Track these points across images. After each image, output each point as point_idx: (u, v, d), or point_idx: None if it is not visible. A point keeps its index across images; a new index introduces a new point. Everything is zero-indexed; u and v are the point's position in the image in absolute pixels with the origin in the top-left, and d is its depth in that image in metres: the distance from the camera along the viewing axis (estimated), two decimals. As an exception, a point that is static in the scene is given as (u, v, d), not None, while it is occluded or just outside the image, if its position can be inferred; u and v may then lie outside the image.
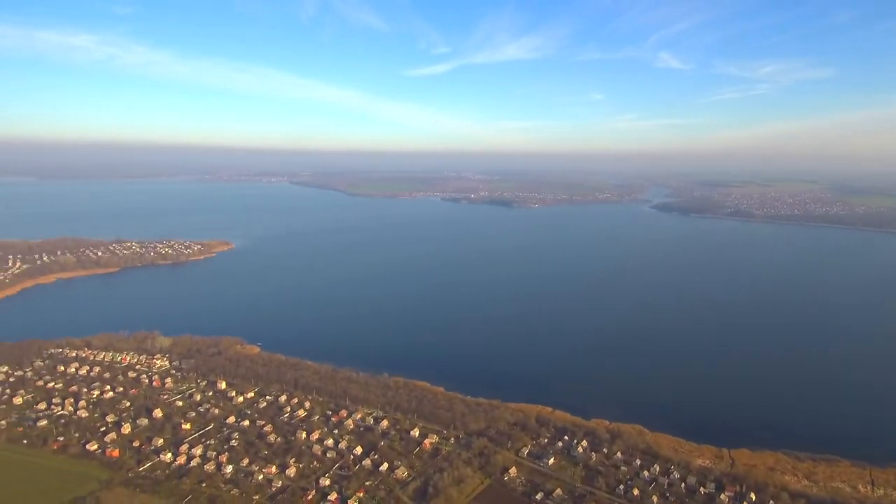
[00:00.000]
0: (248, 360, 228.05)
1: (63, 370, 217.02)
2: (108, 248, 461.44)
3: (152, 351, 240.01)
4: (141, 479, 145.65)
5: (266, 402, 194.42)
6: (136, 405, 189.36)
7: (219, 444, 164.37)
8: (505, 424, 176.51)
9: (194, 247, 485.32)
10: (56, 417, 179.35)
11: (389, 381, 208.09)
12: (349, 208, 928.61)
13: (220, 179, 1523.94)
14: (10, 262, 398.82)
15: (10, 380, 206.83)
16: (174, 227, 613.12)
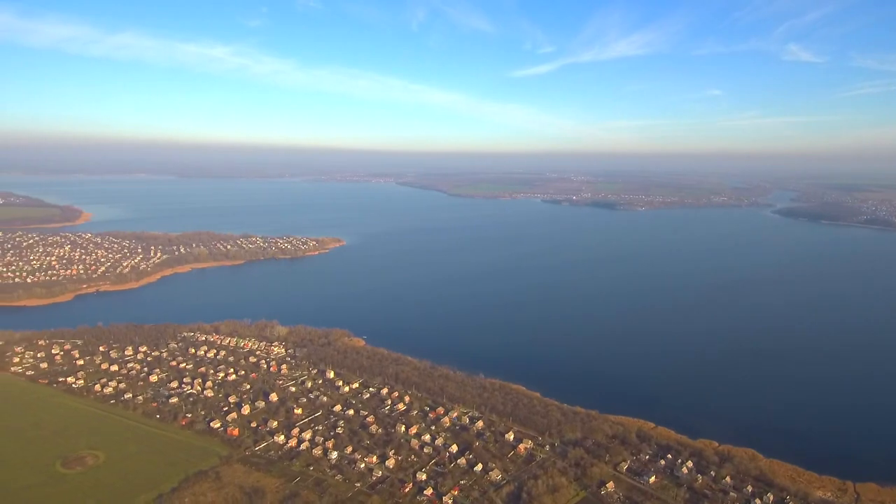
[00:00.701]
0: (355, 352, 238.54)
1: (193, 352, 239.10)
2: (236, 241, 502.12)
3: (271, 338, 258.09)
4: (256, 458, 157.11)
5: (369, 393, 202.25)
6: (254, 388, 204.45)
7: (326, 431, 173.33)
8: (603, 436, 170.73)
9: (310, 243, 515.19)
10: (186, 395, 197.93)
11: (485, 381, 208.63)
12: (450, 209, 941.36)
13: (334, 180, 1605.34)
14: (151, 252, 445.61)
15: (147, 359, 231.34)
16: (293, 223, 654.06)
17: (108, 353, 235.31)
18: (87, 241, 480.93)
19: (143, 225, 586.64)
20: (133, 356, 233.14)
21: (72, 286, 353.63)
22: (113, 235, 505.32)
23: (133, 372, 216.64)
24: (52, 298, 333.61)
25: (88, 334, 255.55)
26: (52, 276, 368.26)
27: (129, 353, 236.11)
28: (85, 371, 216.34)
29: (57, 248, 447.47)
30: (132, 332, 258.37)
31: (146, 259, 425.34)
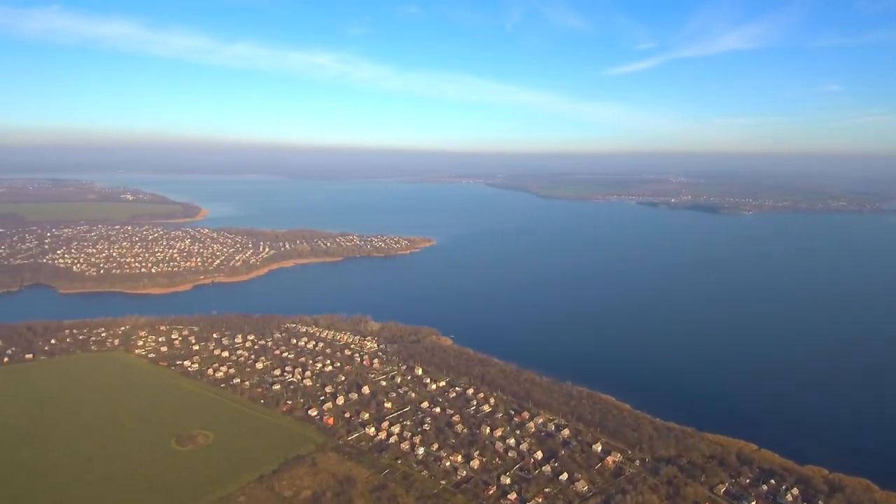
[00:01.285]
0: (442, 351, 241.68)
1: (295, 343, 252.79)
2: (335, 239, 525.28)
3: (364, 333, 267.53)
4: (349, 448, 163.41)
5: (455, 392, 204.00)
6: (349, 380, 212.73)
7: (413, 426, 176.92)
8: (699, 456, 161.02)
9: (402, 242, 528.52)
10: (287, 383, 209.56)
11: (573, 389, 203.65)
12: (540, 210, 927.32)
13: (426, 181, 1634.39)
14: (261, 248, 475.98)
15: (255, 347, 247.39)
16: (387, 223, 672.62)
17: (221, 339, 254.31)
18: (204, 235, 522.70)
19: (254, 222, 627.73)
20: (242, 344, 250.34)
21: (190, 277, 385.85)
22: (227, 231, 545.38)
23: (241, 359, 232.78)
24: (172, 287, 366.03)
25: (204, 322, 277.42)
26: (173, 267, 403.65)
27: (238, 340, 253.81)
28: (199, 356, 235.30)
29: (178, 241, 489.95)
30: (242, 322, 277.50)
31: (256, 254, 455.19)
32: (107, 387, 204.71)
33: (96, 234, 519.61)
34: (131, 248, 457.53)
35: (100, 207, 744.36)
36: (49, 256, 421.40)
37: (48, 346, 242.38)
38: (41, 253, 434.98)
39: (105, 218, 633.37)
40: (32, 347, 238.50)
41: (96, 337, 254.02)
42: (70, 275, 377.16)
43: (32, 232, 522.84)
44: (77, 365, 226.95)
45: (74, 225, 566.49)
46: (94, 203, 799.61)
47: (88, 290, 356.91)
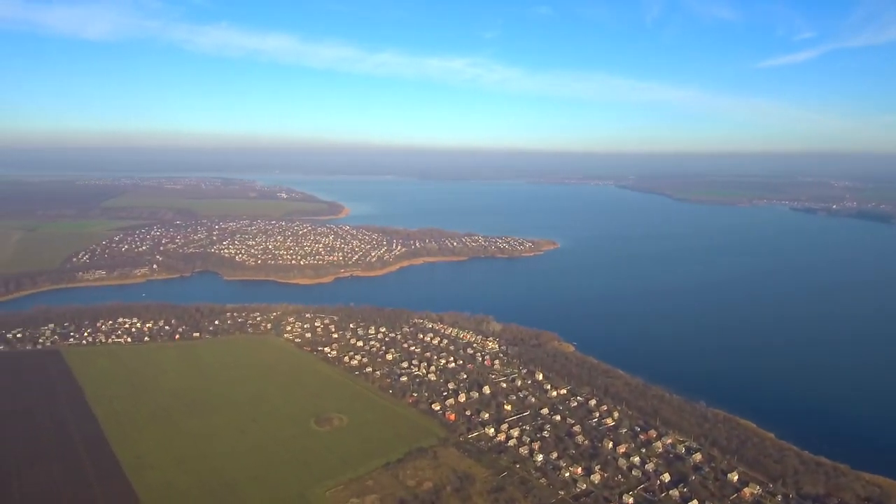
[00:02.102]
0: (564, 358, 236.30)
1: (422, 338, 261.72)
2: (461, 239, 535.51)
3: (486, 333, 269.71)
4: (469, 445, 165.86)
5: (576, 402, 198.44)
6: (470, 378, 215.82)
7: (533, 432, 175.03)
8: (852, 497, 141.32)
9: (526, 244, 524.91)
10: (413, 376, 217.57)
11: (707, 411, 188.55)
12: (675, 215, 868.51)
13: (553, 182, 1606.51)
14: (394, 245, 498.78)
15: (385, 339, 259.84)
16: (511, 224, 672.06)
17: (356, 330, 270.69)
18: (346, 232, 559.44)
19: (389, 220, 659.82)
20: (374, 335, 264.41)
21: (332, 270, 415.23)
22: (365, 229, 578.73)
23: (374, 349, 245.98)
24: (317, 279, 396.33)
25: (342, 312, 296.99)
26: (318, 260, 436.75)
27: (371, 332, 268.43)
28: (338, 344, 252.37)
29: (323, 237, 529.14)
30: (375, 314, 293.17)
31: (389, 251, 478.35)
32: (259, 366, 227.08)
33: (255, 228, 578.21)
34: (284, 241, 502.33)
35: (259, 204, 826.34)
36: (216, 247, 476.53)
37: (212, 326, 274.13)
38: (210, 243, 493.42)
39: (263, 214, 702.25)
40: (199, 327, 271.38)
41: (252, 321, 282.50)
42: (233, 264, 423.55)
43: (203, 225, 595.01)
44: (235, 345, 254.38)
45: (238, 219, 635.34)
46: (254, 200, 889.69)
47: (247, 277, 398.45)
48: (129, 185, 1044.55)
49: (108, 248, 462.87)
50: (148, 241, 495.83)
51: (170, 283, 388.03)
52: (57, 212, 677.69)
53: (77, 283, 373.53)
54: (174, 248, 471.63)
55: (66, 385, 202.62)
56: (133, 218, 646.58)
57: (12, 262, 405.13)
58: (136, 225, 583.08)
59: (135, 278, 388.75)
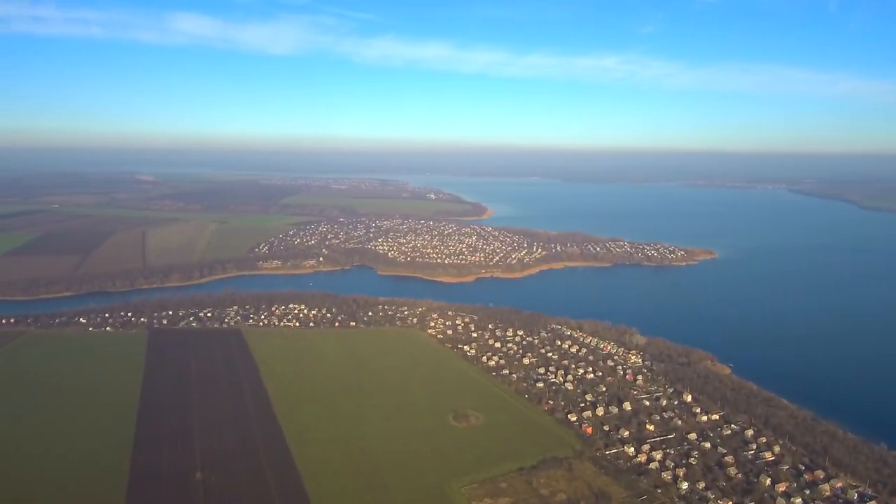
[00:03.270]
0: (717, 380, 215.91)
1: (559, 344, 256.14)
2: (605, 244, 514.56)
3: (629, 346, 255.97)
4: (605, 462, 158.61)
5: (730, 430, 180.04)
6: (609, 392, 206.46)
7: (678, 457, 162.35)
8: None
9: (677, 252, 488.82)
10: (549, 383, 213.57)
11: (888, 454, 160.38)
12: (861, 225, 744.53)
13: (713, 185, 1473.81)
14: (534, 248, 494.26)
15: (523, 343, 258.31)
16: (661, 230, 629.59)
17: (495, 331, 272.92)
18: (488, 233, 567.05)
19: (530, 223, 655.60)
20: (512, 337, 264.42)
21: (474, 270, 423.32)
22: (507, 230, 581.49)
23: (511, 352, 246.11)
24: (459, 278, 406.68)
25: (482, 312, 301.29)
26: (461, 260, 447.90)
27: (509, 333, 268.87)
28: (477, 343, 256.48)
29: (467, 237, 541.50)
30: (513, 316, 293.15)
31: (530, 253, 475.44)
32: (404, 358, 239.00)
33: (406, 227, 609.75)
34: (431, 240, 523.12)
35: (410, 204, 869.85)
36: (372, 243, 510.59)
37: (366, 317, 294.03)
38: (367, 240, 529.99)
39: (413, 213, 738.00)
40: (355, 317, 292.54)
41: (400, 314, 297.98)
42: (386, 260, 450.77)
43: (362, 222, 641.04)
44: (385, 335, 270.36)
45: (391, 218, 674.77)
46: (406, 200, 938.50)
47: (398, 273, 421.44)
48: (302, 185, 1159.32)
49: (283, 241, 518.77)
50: (316, 236, 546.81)
51: (332, 274, 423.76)
52: (244, 207, 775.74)
53: (257, 270, 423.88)
54: (337, 243, 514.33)
55: (244, 360, 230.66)
56: (305, 214, 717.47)
57: (207, 250, 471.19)
58: (307, 221, 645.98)
59: (304, 269, 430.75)
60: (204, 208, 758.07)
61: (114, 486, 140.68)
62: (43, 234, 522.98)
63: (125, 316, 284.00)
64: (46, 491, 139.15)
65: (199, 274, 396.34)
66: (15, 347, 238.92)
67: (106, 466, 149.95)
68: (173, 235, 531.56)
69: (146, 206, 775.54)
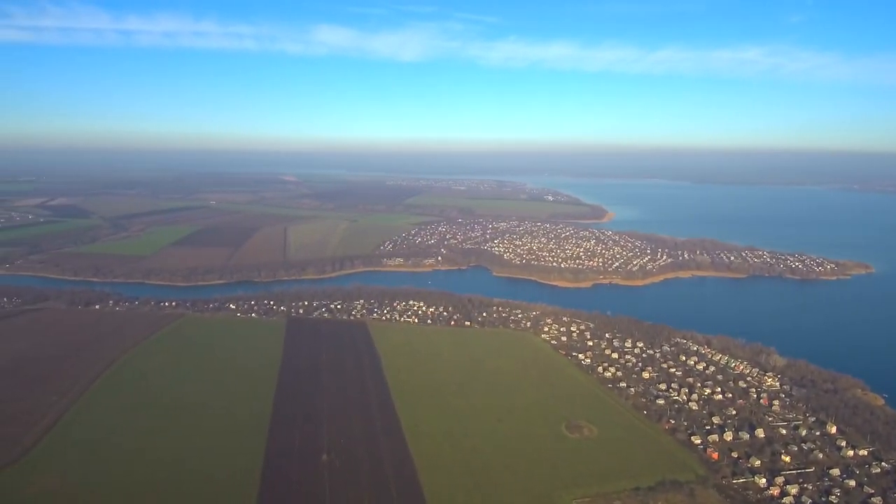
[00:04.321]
0: (868, 411, 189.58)
1: (684, 360, 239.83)
2: (740, 253, 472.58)
3: (765, 367, 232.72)
4: (732, 492, 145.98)
5: (880, 468, 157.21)
6: (740, 416, 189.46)
7: (816, 493, 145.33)
8: None
9: (826, 265, 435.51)
10: (671, 401, 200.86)
11: None
12: None
13: (872, 189, 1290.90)
14: (658, 255, 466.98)
15: (642, 355, 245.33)
16: (807, 239, 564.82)
17: (612, 340, 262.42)
18: (607, 237, 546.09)
19: (654, 227, 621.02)
20: (630, 349, 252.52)
21: (591, 275, 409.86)
22: (628, 235, 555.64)
23: (629, 364, 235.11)
24: (575, 283, 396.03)
25: (598, 320, 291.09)
26: (578, 264, 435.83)
27: (627, 344, 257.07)
28: (592, 352, 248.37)
29: (584, 241, 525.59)
30: (632, 326, 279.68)
31: (653, 260, 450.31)
32: (517, 361, 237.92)
33: (523, 228, 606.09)
34: (547, 243, 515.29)
35: (527, 206, 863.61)
36: (488, 244, 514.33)
37: (480, 317, 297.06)
38: (483, 241, 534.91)
39: (530, 215, 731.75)
40: (470, 316, 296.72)
41: (514, 317, 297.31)
42: (501, 261, 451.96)
43: (480, 223, 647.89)
44: (498, 337, 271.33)
45: (508, 220, 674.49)
46: (523, 202, 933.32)
47: (513, 275, 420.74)
48: (425, 186, 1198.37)
49: (406, 240, 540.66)
50: (436, 236, 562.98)
51: (450, 273, 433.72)
52: (372, 207, 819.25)
53: (382, 267, 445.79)
54: (455, 243, 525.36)
55: (368, 351, 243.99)
56: (426, 214, 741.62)
57: (338, 247, 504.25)
58: (428, 221, 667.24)
59: (424, 267, 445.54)
60: (337, 207, 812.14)
61: (252, 458, 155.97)
62: (201, 227, 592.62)
63: (268, 304, 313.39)
64: (197, 444, 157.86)
65: (331, 268, 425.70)
66: (177, 327, 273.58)
67: (246, 437, 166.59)
68: (310, 232, 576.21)
69: (288, 204, 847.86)
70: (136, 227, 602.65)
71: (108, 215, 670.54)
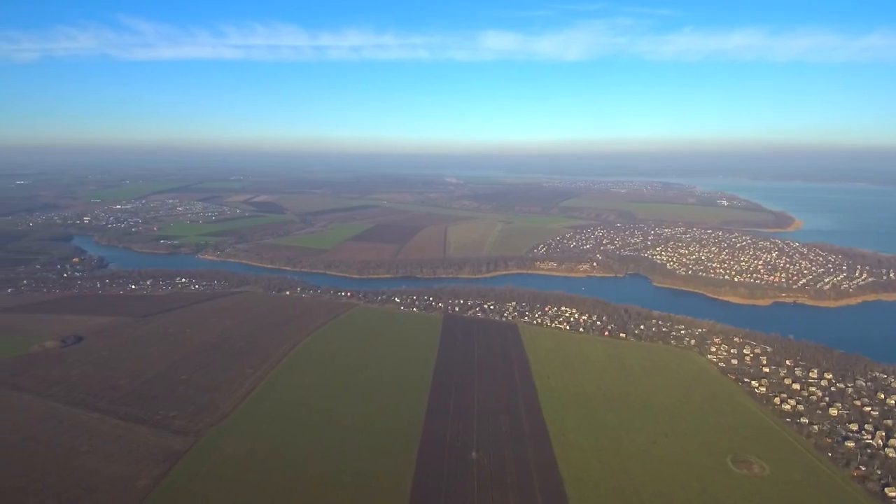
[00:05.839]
0: None
1: (882, 398, 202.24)
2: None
3: None
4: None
5: None
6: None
7: None
8: None
9: None
10: (863, 444, 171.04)
11: None
12: None
13: None
14: (857, 272, 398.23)
15: (830, 388, 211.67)
16: None
17: (793, 369, 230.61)
18: (793, 249, 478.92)
19: (852, 240, 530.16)
20: (816, 380, 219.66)
21: (771, 292, 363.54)
22: (819, 248, 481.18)
23: (813, 397, 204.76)
24: (751, 300, 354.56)
25: (777, 343, 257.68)
26: (755, 278, 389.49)
27: (812, 375, 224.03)
28: (768, 380, 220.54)
29: (765, 253, 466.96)
30: (819, 355, 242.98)
31: (849, 278, 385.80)
32: (678, 381, 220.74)
33: (690, 236, 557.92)
34: (718, 253, 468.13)
35: (696, 211, 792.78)
36: (649, 252, 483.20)
37: (637, 329, 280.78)
38: (644, 248, 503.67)
39: (699, 221, 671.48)
40: (626, 328, 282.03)
41: (676, 333, 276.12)
42: (663, 270, 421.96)
43: (640, 229, 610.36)
44: (656, 353, 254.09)
45: (673, 225, 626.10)
46: (692, 206, 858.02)
47: (676, 286, 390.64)
48: (582, 188, 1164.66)
49: (560, 244, 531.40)
50: (591, 241, 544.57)
51: (605, 281, 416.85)
52: (527, 208, 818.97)
53: (534, 270, 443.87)
54: (612, 249, 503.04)
55: (517, 354, 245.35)
56: (582, 218, 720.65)
57: (493, 247, 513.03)
58: (584, 224, 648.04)
59: (577, 273, 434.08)
60: (494, 208, 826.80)
61: (409, 443, 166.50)
62: (374, 225, 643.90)
63: (427, 300, 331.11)
64: (363, 426, 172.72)
65: (485, 269, 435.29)
66: (351, 316, 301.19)
67: (405, 423, 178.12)
68: (468, 232, 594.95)
69: (449, 204, 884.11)
70: (321, 222, 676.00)
71: (299, 211, 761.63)
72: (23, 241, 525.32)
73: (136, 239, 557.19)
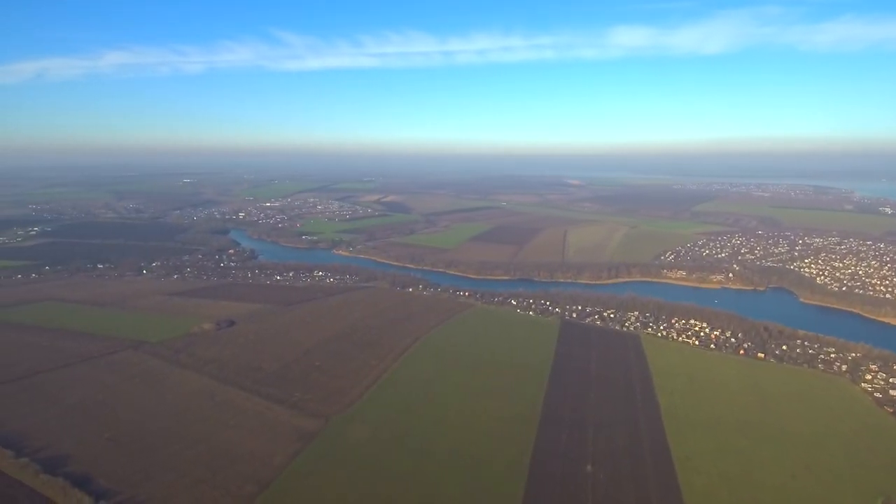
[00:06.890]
0: None
1: None
2: None
3: None
4: None
5: None
6: None
7: None
8: None
9: None
10: None
11: None
12: None
13: None
14: None
15: None
16: None
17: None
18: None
19: None
20: None
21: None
22: None
23: None
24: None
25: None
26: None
27: None
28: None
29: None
30: None
31: None
32: (824, 411, 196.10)
33: (845, 247, 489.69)
34: (879, 268, 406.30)
35: (854, 219, 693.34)
36: (796, 263, 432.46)
37: (779, 350, 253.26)
38: (790, 259, 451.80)
39: (858, 231, 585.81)
40: (765, 348, 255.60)
41: (824, 356, 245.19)
42: (812, 285, 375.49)
43: (786, 237, 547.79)
44: (800, 377, 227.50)
45: (826, 235, 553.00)
46: (849, 214, 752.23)
47: (826, 304, 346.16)
48: (718, 191, 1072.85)
49: (690, 251, 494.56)
50: (727, 249, 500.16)
51: (741, 294, 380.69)
52: (654, 212, 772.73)
53: (661, 278, 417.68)
54: (752, 259, 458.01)
55: (639, 368, 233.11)
56: (717, 224, 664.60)
57: (615, 253, 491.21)
58: (719, 231, 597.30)
59: (710, 283, 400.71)
60: (617, 212, 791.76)
61: (522, 449, 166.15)
62: (494, 226, 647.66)
63: (544, 304, 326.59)
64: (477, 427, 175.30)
65: (606, 275, 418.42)
66: (467, 315, 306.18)
67: (519, 426, 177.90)
68: (589, 236, 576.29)
69: (570, 206, 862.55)
70: (443, 222, 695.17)
71: (424, 212, 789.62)
72: (188, 233, 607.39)
73: (281, 234, 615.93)
